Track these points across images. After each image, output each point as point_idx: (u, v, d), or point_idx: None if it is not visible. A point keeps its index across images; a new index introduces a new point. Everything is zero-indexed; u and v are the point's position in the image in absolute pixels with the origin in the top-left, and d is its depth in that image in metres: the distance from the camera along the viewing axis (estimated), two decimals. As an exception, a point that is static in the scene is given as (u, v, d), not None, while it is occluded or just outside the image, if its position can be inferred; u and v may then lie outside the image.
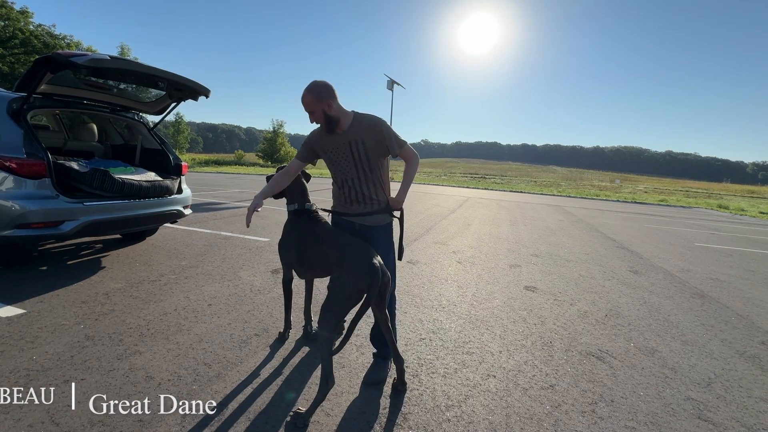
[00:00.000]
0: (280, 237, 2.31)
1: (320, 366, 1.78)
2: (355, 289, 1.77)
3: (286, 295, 2.39)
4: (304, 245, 2.13)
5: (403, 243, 2.30)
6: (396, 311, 2.28)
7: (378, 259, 1.87)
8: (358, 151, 2.06)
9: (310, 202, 2.29)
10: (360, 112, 2.10)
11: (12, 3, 22.73)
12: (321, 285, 3.34)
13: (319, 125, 2.09)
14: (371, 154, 2.07)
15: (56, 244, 4.30)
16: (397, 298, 2.34)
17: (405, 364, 2.09)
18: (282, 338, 2.45)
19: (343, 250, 1.89)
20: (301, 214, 2.24)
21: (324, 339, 1.75)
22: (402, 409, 1.87)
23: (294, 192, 2.30)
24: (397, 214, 2.24)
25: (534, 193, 23.09)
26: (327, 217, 2.31)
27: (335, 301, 1.78)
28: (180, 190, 4.27)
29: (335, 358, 2.29)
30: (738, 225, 12.85)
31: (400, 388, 2.00)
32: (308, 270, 2.20)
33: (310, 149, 2.21)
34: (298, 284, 3.31)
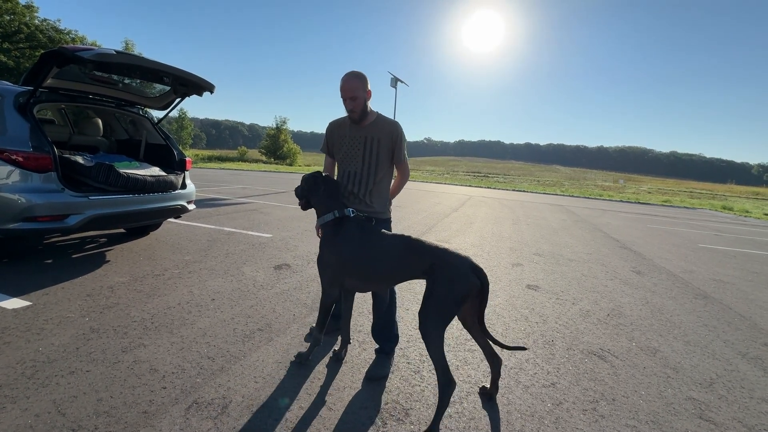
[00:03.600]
0: (318, 254, 2.06)
1: (437, 370, 1.71)
2: (463, 293, 1.71)
3: (327, 315, 2.08)
4: (371, 255, 1.91)
5: None
6: (396, 307, 2.30)
7: (475, 261, 1.80)
8: (371, 147, 2.12)
9: (347, 206, 2.06)
10: (383, 114, 2.18)
11: (17, -3, 22.83)
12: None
13: (347, 113, 2.11)
14: (382, 154, 2.14)
15: (61, 238, 4.33)
16: (397, 294, 2.38)
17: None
18: (338, 357, 2.22)
19: (435, 256, 1.77)
20: (346, 222, 2.00)
21: (438, 344, 1.70)
22: (404, 404, 1.88)
23: (325, 199, 2.06)
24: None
25: (537, 193, 23.02)
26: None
27: (443, 308, 1.70)
28: (184, 186, 4.28)
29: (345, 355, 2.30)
30: (742, 226, 12.78)
31: (492, 391, 1.98)
32: (376, 281, 1.98)
33: (330, 143, 2.29)
34: (301, 292, 3.33)
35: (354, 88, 2.02)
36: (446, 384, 1.70)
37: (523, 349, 2.19)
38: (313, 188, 2.10)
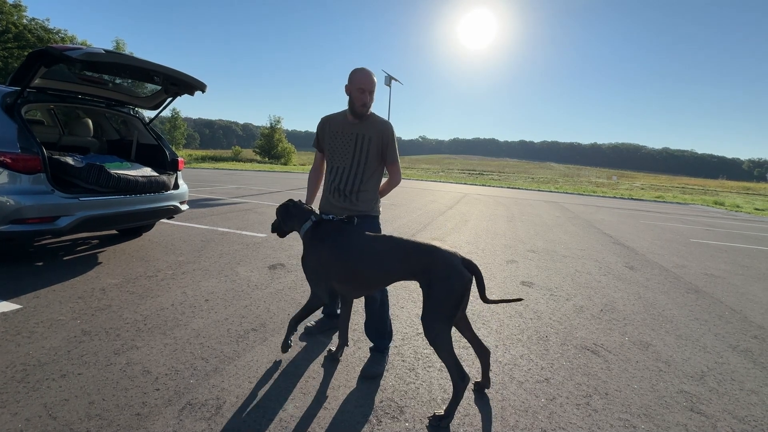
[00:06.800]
0: (302, 258, 2.07)
1: (449, 369, 1.74)
2: (463, 289, 1.72)
3: (308, 315, 2.08)
4: (356, 258, 1.88)
5: None
6: (389, 304, 2.29)
7: (463, 254, 1.81)
8: (362, 145, 2.15)
9: (317, 211, 2.11)
10: (376, 113, 2.22)
11: (5, -4, 22.48)
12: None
13: (357, 107, 2.11)
14: (372, 152, 2.16)
15: (52, 240, 4.28)
16: (390, 292, 2.39)
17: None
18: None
19: (428, 254, 1.76)
20: (324, 225, 2.03)
21: (447, 347, 1.71)
22: (398, 402, 1.89)
23: (299, 212, 2.11)
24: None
25: (531, 190, 23.14)
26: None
27: (445, 308, 1.70)
28: (176, 186, 4.25)
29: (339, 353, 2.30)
30: (733, 221, 12.94)
31: (484, 384, 2.01)
32: (366, 285, 1.94)
33: (321, 137, 2.29)
34: (294, 295, 3.31)
35: (375, 83, 2.10)
36: (460, 379, 1.74)
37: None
38: (284, 212, 2.14)
